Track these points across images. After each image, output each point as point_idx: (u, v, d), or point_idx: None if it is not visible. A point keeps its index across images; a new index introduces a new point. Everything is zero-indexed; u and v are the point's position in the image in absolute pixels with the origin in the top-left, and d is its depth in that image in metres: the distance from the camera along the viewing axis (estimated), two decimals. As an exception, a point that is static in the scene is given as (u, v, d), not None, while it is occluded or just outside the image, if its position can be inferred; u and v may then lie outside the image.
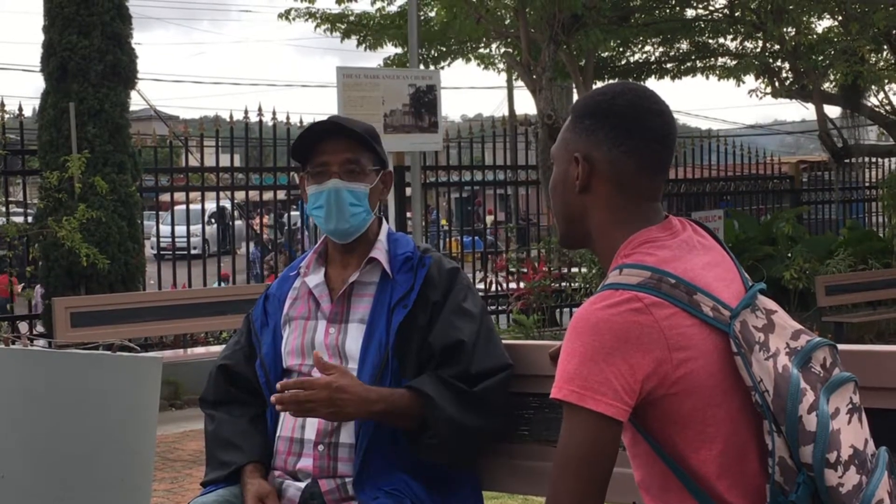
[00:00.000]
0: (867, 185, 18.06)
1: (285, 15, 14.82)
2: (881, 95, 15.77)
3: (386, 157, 2.89)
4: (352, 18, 15.11)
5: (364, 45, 15.08)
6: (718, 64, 16.25)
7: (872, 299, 12.30)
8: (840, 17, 14.38)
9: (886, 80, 15.62)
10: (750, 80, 15.23)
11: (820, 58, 14.75)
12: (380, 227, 2.84)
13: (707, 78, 16.22)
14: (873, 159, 17.83)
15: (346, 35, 15.08)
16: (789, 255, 13.02)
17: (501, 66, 17.58)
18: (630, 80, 14.94)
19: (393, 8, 14.86)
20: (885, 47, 14.85)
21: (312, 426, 2.65)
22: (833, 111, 17.39)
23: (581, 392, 1.83)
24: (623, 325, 1.84)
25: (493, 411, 2.64)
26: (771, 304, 1.98)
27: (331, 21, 14.96)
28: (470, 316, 2.67)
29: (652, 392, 1.86)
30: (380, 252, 2.76)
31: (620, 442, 1.88)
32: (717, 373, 1.88)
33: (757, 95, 15.56)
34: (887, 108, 15.69)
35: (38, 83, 10.37)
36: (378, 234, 2.81)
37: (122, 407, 3.63)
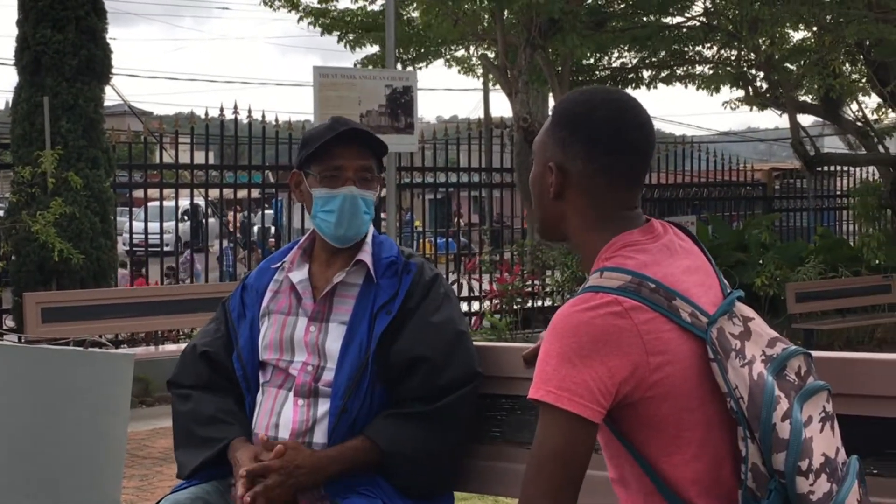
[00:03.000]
0: (838, 193, 18.20)
1: (269, 2, 14.69)
2: (854, 106, 15.91)
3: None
4: (335, 14, 15.05)
5: (344, 43, 15.04)
6: (695, 73, 16.31)
7: (842, 307, 12.39)
8: (814, 29, 14.48)
9: (860, 94, 15.74)
10: (725, 90, 15.33)
11: (793, 68, 14.85)
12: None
13: (686, 87, 16.28)
14: (845, 168, 17.97)
15: (327, 30, 15.02)
16: (761, 261, 13.10)
17: (480, 70, 17.59)
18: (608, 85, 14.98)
19: (375, 7, 14.85)
20: (861, 59, 14.97)
21: (286, 426, 2.64)
22: (806, 119, 17.53)
23: (557, 393, 1.84)
24: (602, 328, 1.85)
25: (458, 425, 2.65)
26: (748, 312, 2.00)
27: (314, 15, 14.90)
28: (437, 329, 2.67)
29: (628, 395, 1.87)
30: (366, 255, 2.76)
31: (595, 443, 1.89)
32: (693, 378, 1.89)
33: (731, 106, 15.67)
34: (862, 119, 15.82)
35: (12, 76, 10.28)
36: (365, 237, 2.81)
37: (93, 403, 3.60)
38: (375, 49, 15.42)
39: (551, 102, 16.09)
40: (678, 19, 15.27)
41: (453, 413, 2.62)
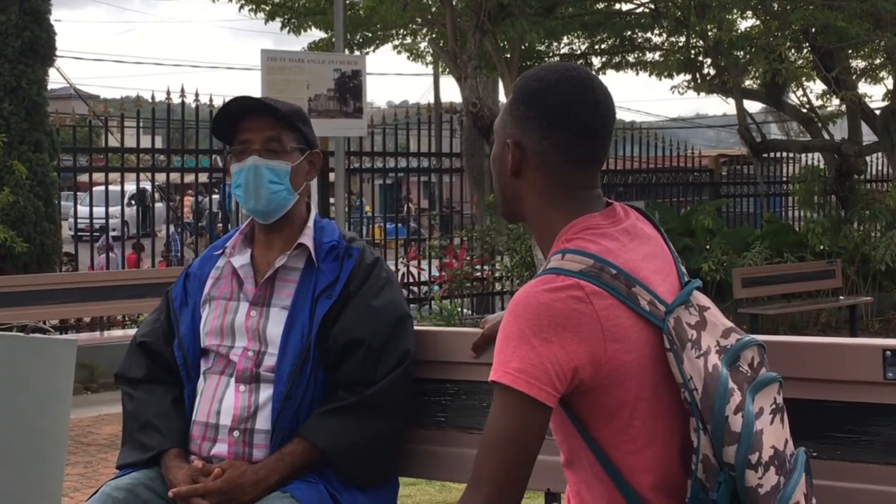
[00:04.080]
0: (784, 179, 18.39)
1: None
2: (800, 92, 16.06)
3: (314, 138, 2.84)
4: (277, 1, 14.93)
5: (288, 29, 14.93)
6: (645, 59, 16.39)
7: (787, 292, 12.53)
8: (762, 18, 14.59)
9: (804, 79, 15.88)
10: (674, 76, 15.43)
11: (741, 54, 14.96)
12: (308, 213, 2.81)
13: (637, 74, 16.36)
14: (791, 154, 18.15)
15: (270, 17, 14.90)
16: (708, 247, 13.21)
17: (429, 58, 17.53)
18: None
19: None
20: (806, 45, 15.10)
21: (228, 412, 2.62)
22: (753, 106, 17.67)
23: (515, 374, 1.83)
24: (563, 311, 1.84)
25: (394, 409, 2.65)
26: (704, 301, 1.99)
27: (255, 3, 14.78)
28: (377, 312, 2.65)
29: (584, 381, 1.86)
30: (308, 238, 2.74)
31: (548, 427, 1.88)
32: (649, 367, 1.88)
33: (679, 91, 15.76)
34: (807, 105, 15.98)
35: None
36: (307, 220, 2.78)
37: (35, 390, 3.56)
38: (321, 34, 15.33)
39: (501, 88, 16.10)
40: (627, 6, 15.34)
41: (387, 398, 2.61)
